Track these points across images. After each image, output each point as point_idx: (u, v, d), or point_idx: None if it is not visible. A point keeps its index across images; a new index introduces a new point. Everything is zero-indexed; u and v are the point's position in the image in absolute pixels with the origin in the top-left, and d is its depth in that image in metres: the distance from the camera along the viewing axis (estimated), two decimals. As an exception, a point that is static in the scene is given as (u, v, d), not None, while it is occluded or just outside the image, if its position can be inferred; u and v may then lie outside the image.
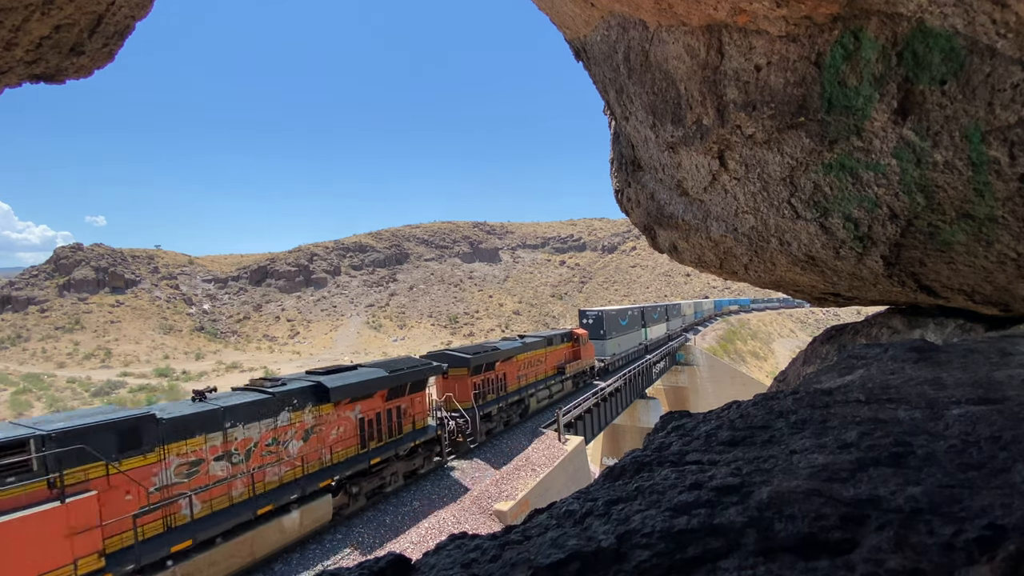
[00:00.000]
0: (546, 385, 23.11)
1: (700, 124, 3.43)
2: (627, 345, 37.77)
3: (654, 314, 47.03)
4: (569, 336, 26.63)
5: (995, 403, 1.49)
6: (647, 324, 43.60)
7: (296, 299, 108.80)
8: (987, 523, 0.85)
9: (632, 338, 39.22)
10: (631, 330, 39.12)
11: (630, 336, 38.87)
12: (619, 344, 35.92)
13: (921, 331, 4.28)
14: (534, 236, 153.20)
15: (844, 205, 3.09)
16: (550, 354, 23.94)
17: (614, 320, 35.28)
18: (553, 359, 24.33)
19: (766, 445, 1.40)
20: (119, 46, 4.29)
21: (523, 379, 21.23)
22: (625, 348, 37.27)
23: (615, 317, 35.59)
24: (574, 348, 26.64)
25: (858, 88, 2.52)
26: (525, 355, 21.42)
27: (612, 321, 34.82)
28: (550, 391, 23.55)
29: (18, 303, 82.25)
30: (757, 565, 0.84)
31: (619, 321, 36.35)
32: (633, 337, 39.58)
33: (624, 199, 5.53)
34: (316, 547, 11.56)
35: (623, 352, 36.67)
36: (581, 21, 4.12)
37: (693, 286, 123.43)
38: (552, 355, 24.18)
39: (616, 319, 35.63)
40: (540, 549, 1.00)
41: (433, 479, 15.36)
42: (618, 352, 35.41)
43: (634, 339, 39.68)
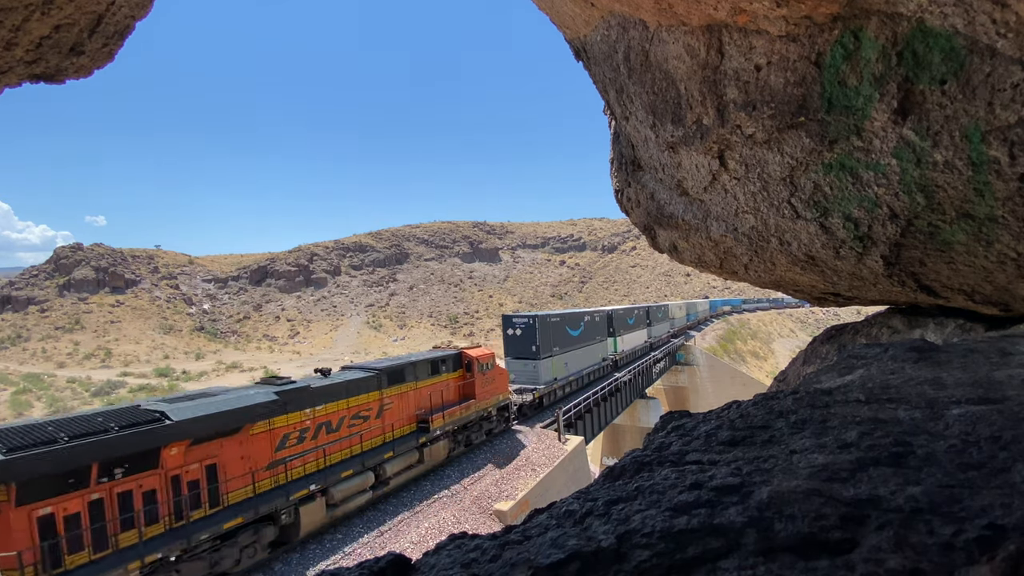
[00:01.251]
0: (377, 460, 13.48)
1: (700, 124, 3.43)
2: (581, 363, 27.31)
3: (628, 318, 36.66)
4: (453, 362, 17.10)
5: (995, 403, 1.49)
6: (617, 332, 33.63)
7: (296, 299, 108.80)
8: (987, 523, 0.85)
9: (590, 353, 28.74)
10: (589, 342, 28.45)
11: (587, 351, 28.39)
12: (566, 364, 25.25)
13: (921, 331, 4.28)
14: (534, 236, 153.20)
15: (844, 205, 3.09)
16: (404, 397, 14.58)
17: (557, 329, 24.42)
18: (409, 405, 14.82)
19: (766, 445, 1.40)
20: (119, 46, 4.29)
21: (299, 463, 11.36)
22: (577, 368, 26.65)
23: (559, 325, 24.74)
24: (463, 382, 17.28)
25: (858, 88, 2.52)
26: (318, 411, 11.92)
27: (552, 331, 23.86)
28: (381, 472, 13.58)
29: (18, 303, 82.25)
30: (757, 565, 0.84)
31: (566, 330, 25.62)
32: (591, 352, 29.03)
33: (624, 199, 5.52)
34: (316, 547, 11.57)
35: (575, 374, 26.20)
36: (581, 21, 4.11)
37: (693, 286, 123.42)
38: (410, 399, 14.88)
39: (561, 328, 24.97)
40: (540, 549, 1.00)
41: (433, 479, 15.37)
42: (563, 376, 24.73)
43: (593, 354, 29.34)
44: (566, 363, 25.48)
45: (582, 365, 27.62)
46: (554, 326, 24.33)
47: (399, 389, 14.63)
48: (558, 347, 24.60)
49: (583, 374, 27.69)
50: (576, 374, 26.67)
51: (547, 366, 23.28)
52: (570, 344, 26.15)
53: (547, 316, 24.09)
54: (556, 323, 24.69)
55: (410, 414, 15.06)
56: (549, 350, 23.56)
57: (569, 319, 26.38)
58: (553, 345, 24.02)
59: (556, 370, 24.26)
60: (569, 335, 26.26)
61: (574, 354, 26.56)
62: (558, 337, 24.72)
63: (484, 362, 18.11)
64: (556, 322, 24.70)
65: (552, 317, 24.48)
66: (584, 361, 27.98)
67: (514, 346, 23.33)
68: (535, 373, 22.76)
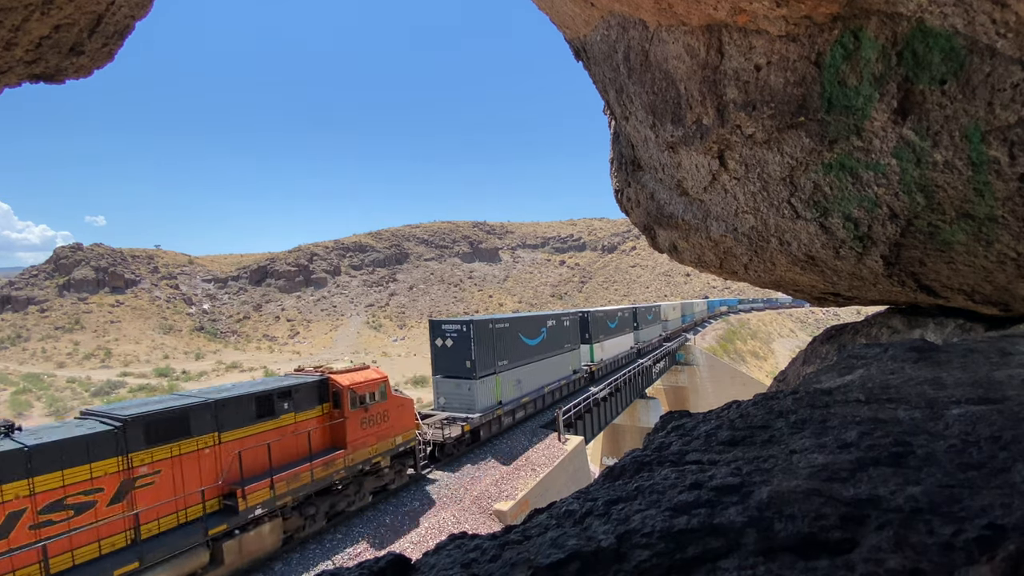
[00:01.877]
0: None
1: (700, 124, 3.43)
2: (542, 378, 22.07)
3: (609, 321, 31.56)
4: (309, 394, 11.88)
5: (995, 403, 1.49)
6: (594, 338, 28.73)
7: (296, 299, 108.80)
8: (987, 523, 0.85)
9: (554, 366, 23.33)
10: (553, 351, 23.25)
11: (551, 363, 22.98)
12: (519, 382, 19.95)
13: (921, 331, 4.28)
14: (534, 236, 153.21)
15: (844, 205, 3.09)
16: (187, 461, 9.34)
17: (505, 338, 19.28)
18: (200, 472, 9.56)
19: (766, 445, 1.40)
20: (119, 46, 4.29)
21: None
22: (536, 385, 21.52)
23: (508, 332, 19.62)
24: (329, 423, 12.31)
25: (858, 88, 2.52)
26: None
27: (497, 340, 18.76)
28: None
29: (18, 303, 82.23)
30: (757, 565, 0.84)
31: (520, 339, 20.39)
32: (557, 364, 23.56)
33: (624, 199, 5.52)
34: (316, 547, 11.57)
35: (532, 393, 21.00)
36: (581, 21, 4.11)
37: (693, 286, 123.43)
38: (204, 461, 9.61)
39: (511, 336, 19.73)
40: (540, 549, 1.00)
41: (433, 479, 15.38)
42: (514, 398, 19.57)
43: (560, 367, 23.91)
44: (518, 381, 20.20)
45: (543, 381, 22.41)
46: (500, 334, 18.92)
47: (177, 448, 9.10)
48: (507, 360, 19.35)
49: (544, 393, 22.37)
50: (534, 393, 21.38)
51: (487, 387, 17.94)
52: (525, 356, 20.80)
53: (488, 321, 18.64)
54: (503, 330, 19.19)
55: (200, 486, 9.37)
56: (491, 365, 18.31)
57: (524, 324, 21.02)
58: (499, 358, 18.79)
59: (503, 391, 18.86)
60: (524, 345, 20.81)
61: (531, 368, 21.33)
62: (507, 347, 19.51)
63: (363, 392, 12.75)
64: (503, 329, 19.26)
65: (497, 322, 19.05)
66: (546, 376, 22.74)
67: (444, 361, 18.09)
68: (470, 397, 17.36)
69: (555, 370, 23.83)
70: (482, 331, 18.09)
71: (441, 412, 17.68)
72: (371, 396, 13.24)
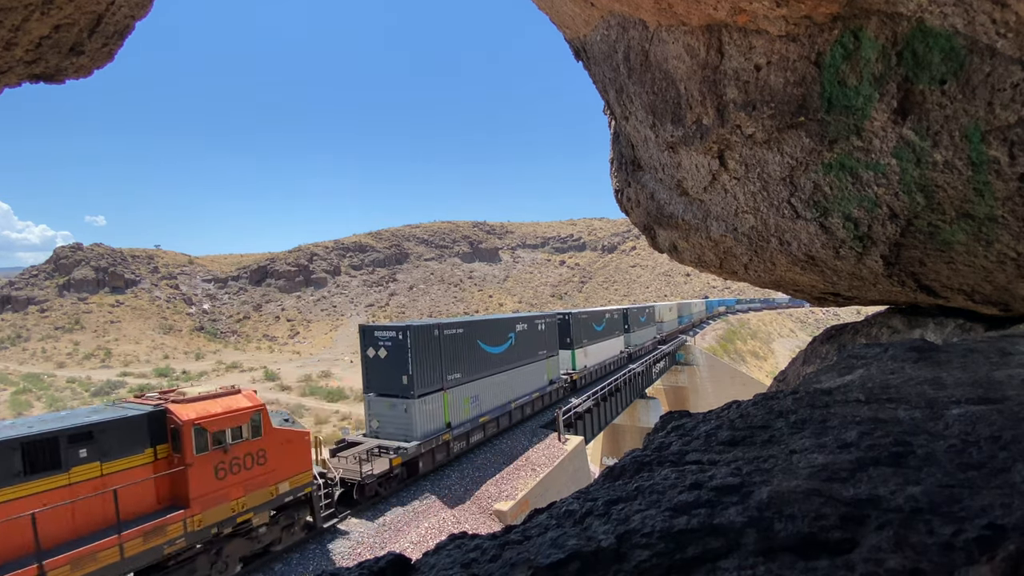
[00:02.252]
0: None
1: (700, 124, 3.43)
2: (508, 392, 19.15)
3: (595, 324, 28.67)
4: (134, 432, 8.76)
5: (995, 403, 1.49)
6: (577, 342, 25.79)
7: (296, 299, 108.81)
8: (987, 523, 0.85)
9: (525, 377, 20.23)
10: (523, 360, 20.20)
11: (521, 373, 19.94)
12: (475, 398, 17.09)
13: (921, 331, 4.28)
14: (534, 236, 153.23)
15: (844, 205, 3.09)
16: None
17: (455, 346, 16.36)
18: None
19: (766, 445, 1.40)
20: (119, 46, 4.29)
21: None
22: (501, 400, 18.70)
23: (461, 339, 16.63)
24: (162, 474, 9.00)
25: (858, 88, 2.52)
26: None
27: (445, 349, 15.89)
28: None
29: (18, 303, 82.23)
30: (757, 565, 0.84)
31: (478, 346, 17.50)
32: (528, 374, 20.54)
33: (624, 199, 5.53)
34: (316, 547, 11.57)
35: (493, 411, 18.24)
36: (581, 21, 4.11)
37: (693, 286, 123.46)
38: None
39: (465, 343, 16.83)
40: (540, 549, 1.00)
41: (433, 479, 15.35)
42: (467, 419, 16.75)
43: (532, 377, 20.79)
44: (475, 397, 17.03)
45: (511, 395, 19.22)
46: (450, 342, 15.82)
47: None
48: (459, 373, 16.26)
49: (511, 409, 19.26)
50: (497, 411, 18.29)
51: (431, 407, 14.96)
52: (486, 367, 17.72)
53: (433, 327, 15.42)
54: (455, 337, 16.05)
55: None
56: (437, 381, 15.21)
57: (484, 329, 17.86)
58: (449, 371, 15.73)
59: (454, 411, 15.88)
60: (484, 354, 17.63)
61: (494, 381, 18.23)
62: (461, 358, 16.25)
63: (219, 428, 9.51)
64: (456, 335, 16.06)
65: (446, 328, 15.85)
66: (514, 389, 19.52)
67: (377, 376, 14.99)
68: (407, 421, 14.38)
69: (526, 381, 20.60)
70: (423, 339, 14.88)
71: (373, 439, 14.64)
72: (234, 433, 9.77)
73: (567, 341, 25.89)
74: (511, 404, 19.57)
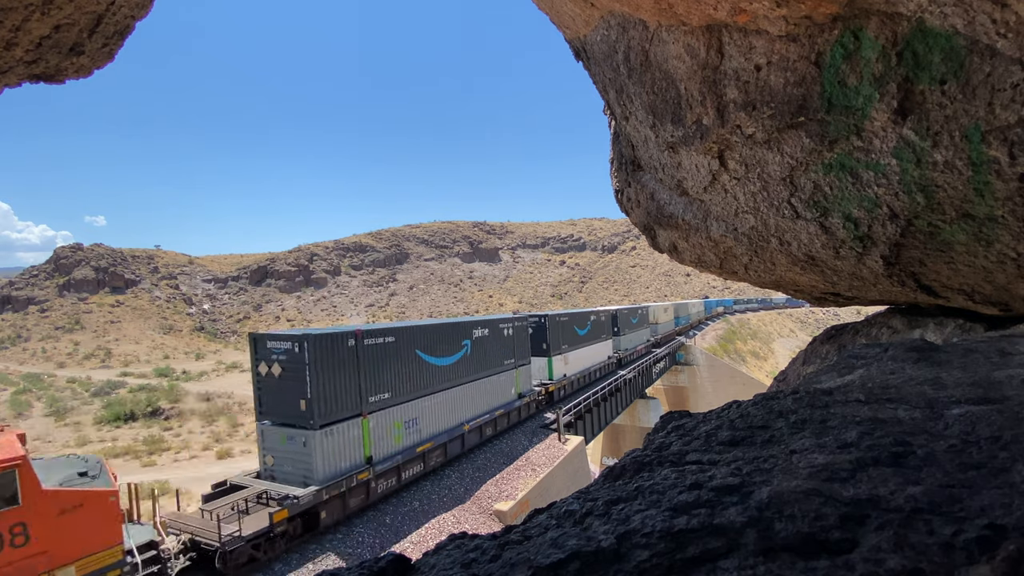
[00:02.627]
0: None
1: (700, 124, 3.43)
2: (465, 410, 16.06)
3: (578, 327, 25.50)
4: None
5: (995, 403, 1.49)
6: (554, 349, 22.89)
7: (296, 299, 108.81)
8: (987, 523, 0.85)
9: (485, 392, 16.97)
10: (482, 372, 16.85)
11: (480, 387, 16.73)
12: (411, 424, 13.91)
13: (921, 331, 4.28)
14: (534, 236, 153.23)
15: (844, 205, 3.09)
16: None
17: (386, 361, 13.05)
18: None
19: (766, 445, 1.40)
20: (119, 46, 4.29)
21: None
22: (452, 421, 15.36)
23: (392, 351, 13.26)
24: None
25: (858, 88, 2.52)
26: None
27: (367, 365, 12.49)
28: None
29: (18, 303, 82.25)
30: (757, 565, 0.84)
31: (418, 358, 14.22)
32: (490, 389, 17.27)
33: (624, 199, 5.52)
34: (316, 547, 11.57)
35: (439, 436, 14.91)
36: (581, 21, 4.11)
37: (693, 286, 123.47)
38: None
39: (400, 355, 13.56)
40: (540, 549, 1.00)
41: (433, 479, 15.38)
42: (397, 449, 13.40)
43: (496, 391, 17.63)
44: (412, 421, 13.53)
45: (464, 414, 15.73)
46: (372, 353, 12.19)
47: None
48: (387, 393, 12.72)
49: (463, 432, 15.68)
50: (442, 436, 14.77)
51: (341, 440, 11.47)
52: (426, 384, 14.22)
53: (346, 335, 11.76)
54: (380, 347, 12.42)
55: None
56: (352, 404, 11.71)
57: (423, 336, 14.17)
58: (372, 391, 12.20)
59: (378, 442, 12.38)
60: (424, 366, 13.98)
61: (438, 400, 14.63)
62: (386, 373, 12.70)
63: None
64: (381, 345, 12.42)
65: (369, 336, 12.15)
66: (468, 407, 15.97)
67: (270, 399, 11.61)
68: (306, 459, 11.01)
69: (486, 397, 17.10)
70: (329, 351, 11.25)
71: (265, 482, 11.36)
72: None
73: (543, 347, 22.73)
74: (463, 426, 16.09)
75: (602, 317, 30.36)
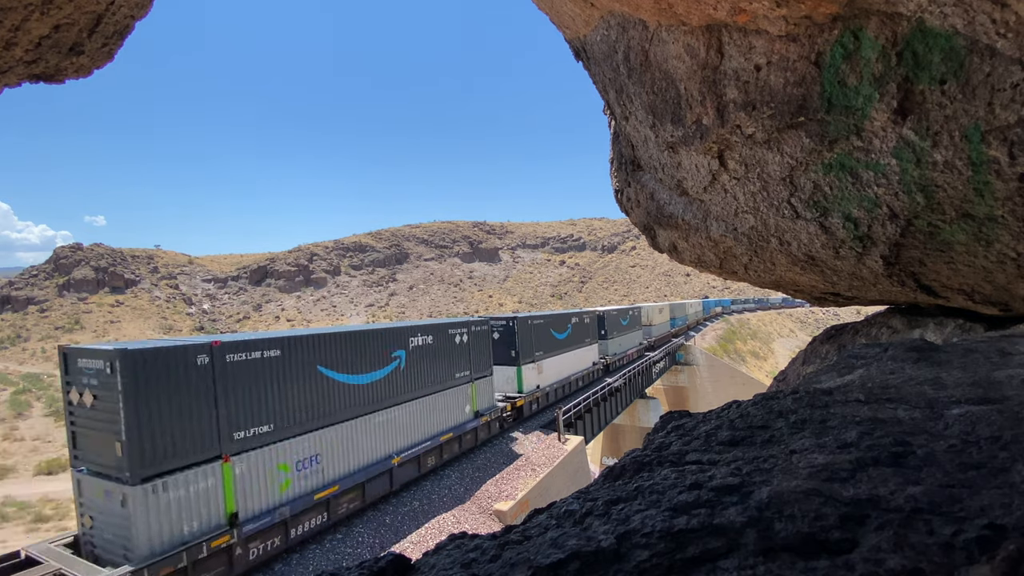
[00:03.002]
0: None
1: (700, 124, 3.43)
2: (377, 447, 12.36)
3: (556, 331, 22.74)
4: None
5: (995, 403, 1.49)
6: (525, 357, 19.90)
7: (296, 299, 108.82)
8: (987, 523, 0.85)
9: (421, 417, 14.01)
10: (414, 393, 13.75)
11: (411, 414, 13.59)
12: (307, 466, 10.47)
13: (921, 331, 4.28)
14: (534, 236, 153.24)
15: (844, 205, 3.09)
16: None
17: (263, 380, 9.52)
18: None
19: (766, 445, 1.40)
20: (119, 45, 4.29)
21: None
22: (367, 458, 12.00)
23: (276, 368, 9.79)
24: None
25: (858, 88, 2.52)
26: None
27: (236, 387, 9.04)
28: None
29: (18, 303, 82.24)
30: (757, 565, 0.84)
31: (320, 374, 10.83)
32: (423, 415, 14.14)
33: (624, 199, 5.52)
34: (316, 547, 11.57)
35: (343, 480, 11.30)
36: (581, 21, 4.11)
37: (693, 286, 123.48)
38: None
39: (280, 373, 9.88)
40: (540, 549, 1.00)
41: (433, 479, 15.37)
42: (269, 510, 9.56)
43: (434, 416, 14.64)
44: (308, 460, 10.59)
45: (393, 445, 12.74)
46: (243, 371, 9.40)
47: None
48: (268, 425, 9.74)
49: (391, 467, 12.64)
50: (358, 475, 11.71)
51: (181, 495, 8.33)
52: (335, 409, 11.27)
53: (186, 349, 8.61)
54: (257, 363, 9.60)
55: None
56: (207, 444, 8.76)
57: (332, 347, 11.29)
58: (241, 424, 9.31)
59: (248, 492, 9.42)
60: (331, 386, 11.15)
61: (351, 430, 11.59)
62: (269, 398, 9.78)
63: None
64: (258, 361, 9.62)
65: (233, 349, 9.28)
66: (401, 435, 13.06)
67: (86, 439, 8.45)
68: (124, 522, 7.84)
69: (428, 420, 14.14)
70: (156, 373, 8.09)
71: (63, 557, 8.19)
72: None
73: (511, 355, 19.70)
74: (391, 459, 12.62)
75: (586, 319, 27.25)
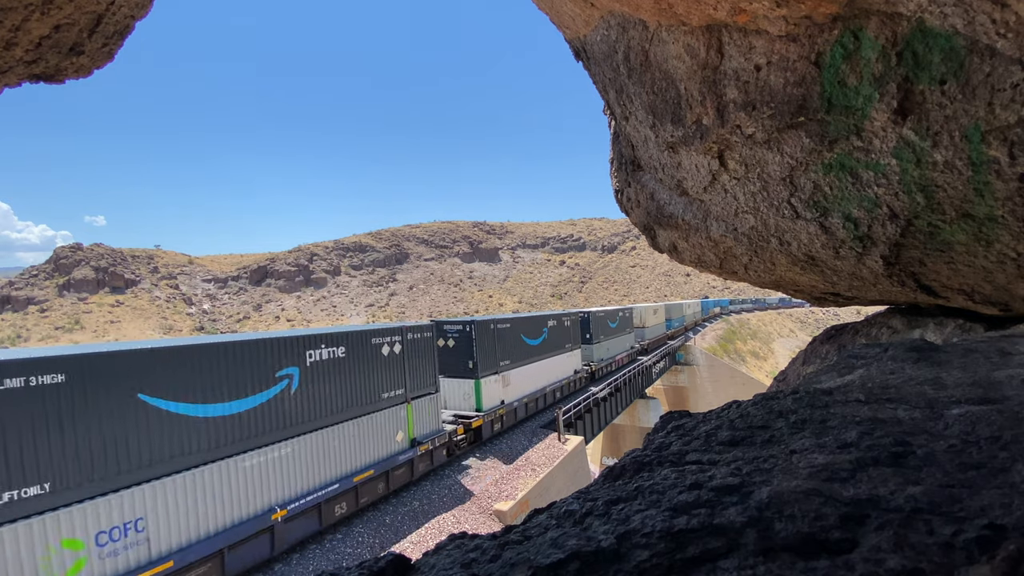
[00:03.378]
0: None
1: (700, 124, 3.43)
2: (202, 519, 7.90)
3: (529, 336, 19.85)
4: None
5: (995, 403, 1.49)
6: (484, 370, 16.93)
7: (296, 299, 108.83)
8: (987, 523, 0.85)
9: (338, 452, 10.56)
10: (333, 419, 10.46)
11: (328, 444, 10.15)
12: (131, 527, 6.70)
13: (921, 331, 4.28)
14: (534, 236, 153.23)
15: (844, 205, 3.09)
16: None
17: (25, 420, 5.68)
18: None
19: (766, 445, 1.40)
20: (119, 46, 4.29)
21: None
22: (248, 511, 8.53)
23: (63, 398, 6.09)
24: None
25: (858, 88, 2.52)
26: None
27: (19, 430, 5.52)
28: None
29: (18, 303, 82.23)
30: (757, 565, 0.84)
31: (142, 404, 7.08)
32: (344, 448, 10.76)
33: (624, 199, 5.52)
34: (316, 547, 11.56)
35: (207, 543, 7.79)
36: (581, 21, 4.11)
37: (693, 286, 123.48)
38: None
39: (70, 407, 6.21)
40: (540, 549, 1.00)
41: (433, 479, 15.37)
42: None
43: (334, 460, 10.60)
44: (122, 530, 7.18)
45: (290, 489, 10.07)
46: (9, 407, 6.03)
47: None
48: (37, 486, 6.30)
49: (269, 524, 9.53)
50: (216, 540, 8.42)
51: None
52: (179, 450, 8.03)
53: None
54: (37, 393, 6.24)
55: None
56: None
57: (169, 366, 7.90)
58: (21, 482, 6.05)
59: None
60: (172, 424, 7.96)
61: (213, 477, 8.50)
62: (56, 444, 6.46)
63: None
64: (35, 390, 6.23)
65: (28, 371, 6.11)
66: (295, 477, 10.22)
67: None
68: None
69: (337, 456, 11.28)
70: None
71: None
72: None
73: (468, 366, 16.48)
74: (271, 514, 9.56)
75: (566, 322, 23.96)
